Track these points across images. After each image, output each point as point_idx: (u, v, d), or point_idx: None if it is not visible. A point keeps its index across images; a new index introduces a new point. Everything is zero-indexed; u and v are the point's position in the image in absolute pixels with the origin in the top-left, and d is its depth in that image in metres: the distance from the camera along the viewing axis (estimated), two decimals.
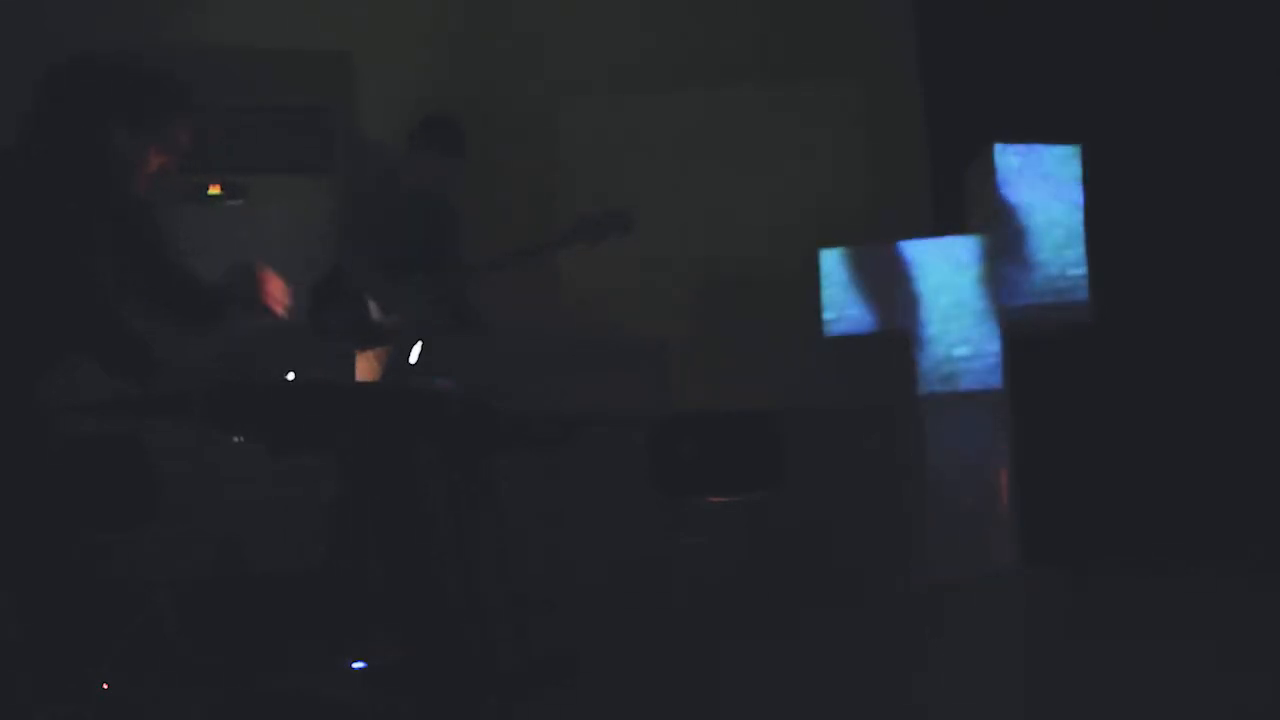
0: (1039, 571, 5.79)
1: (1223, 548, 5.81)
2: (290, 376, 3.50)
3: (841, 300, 6.01)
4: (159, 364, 3.12)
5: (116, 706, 3.11)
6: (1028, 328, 5.90)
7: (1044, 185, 5.87)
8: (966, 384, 5.88)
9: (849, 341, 6.06)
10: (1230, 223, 6.11)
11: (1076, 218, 5.86)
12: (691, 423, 6.03)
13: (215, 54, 5.88)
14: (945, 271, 5.93)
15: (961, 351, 5.89)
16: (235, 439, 3.41)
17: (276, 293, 3.45)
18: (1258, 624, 4.68)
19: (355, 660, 3.70)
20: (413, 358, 4.90)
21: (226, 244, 5.26)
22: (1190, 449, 6.03)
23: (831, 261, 6.02)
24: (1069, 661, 4.35)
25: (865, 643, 4.81)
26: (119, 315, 3.21)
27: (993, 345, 5.88)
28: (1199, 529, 5.92)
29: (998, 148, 5.88)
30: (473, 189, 5.41)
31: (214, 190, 3.48)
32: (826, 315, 6.02)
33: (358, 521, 4.41)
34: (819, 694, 4.07)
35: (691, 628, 5.15)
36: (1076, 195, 5.87)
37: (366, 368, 4.97)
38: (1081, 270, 5.84)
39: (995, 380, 5.88)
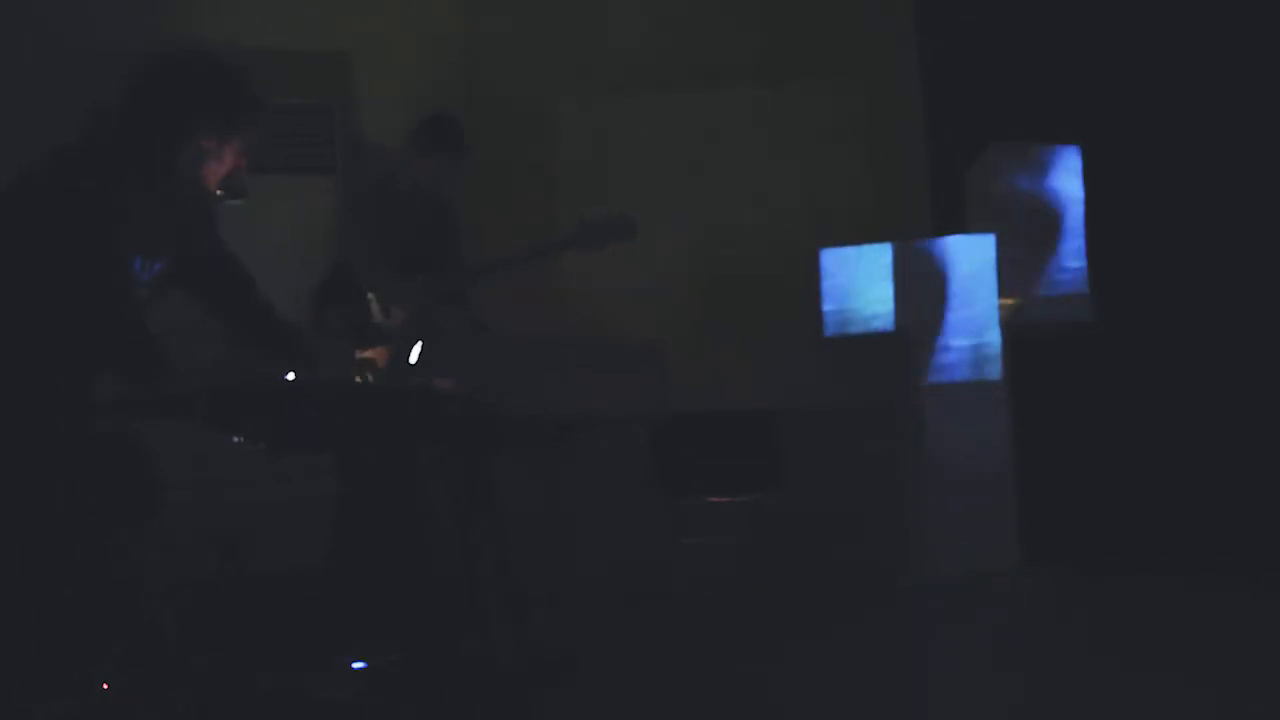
0: (1039, 571, 5.79)
1: (1223, 547, 5.81)
2: (290, 376, 3.51)
3: (841, 300, 6.01)
4: (171, 366, 3.14)
5: (116, 706, 3.11)
6: (1028, 325, 5.90)
7: (1044, 183, 5.88)
8: (967, 382, 5.88)
9: (849, 341, 6.06)
10: (1231, 220, 6.11)
11: (1077, 215, 5.87)
12: (691, 423, 6.03)
13: (202, 45, 5.88)
14: (945, 270, 5.93)
15: (962, 349, 5.89)
16: (235, 439, 3.42)
17: None
18: (1258, 623, 4.68)
19: (355, 660, 3.71)
20: (413, 358, 4.90)
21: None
22: (1191, 446, 6.02)
23: (831, 261, 6.03)
24: (1068, 661, 4.35)
25: (865, 642, 4.81)
26: (142, 320, 3.24)
27: (993, 343, 5.88)
28: (1199, 528, 5.91)
29: (997, 147, 5.88)
30: (473, 189, 5.41)
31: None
32: (826, 315, 6.02)
33: (358, 521, 4.41)
34: (819, 693, 4.07)
35: (692, 628, 5.15)
36: (1077, 192, 5.88)
37: (366, 368, 4.96)
38: (1082, 267, 5.85)
39: (995, 378, 5.88)
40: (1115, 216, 6.00)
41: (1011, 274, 5.87)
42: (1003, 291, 5.87)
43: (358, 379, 3.83)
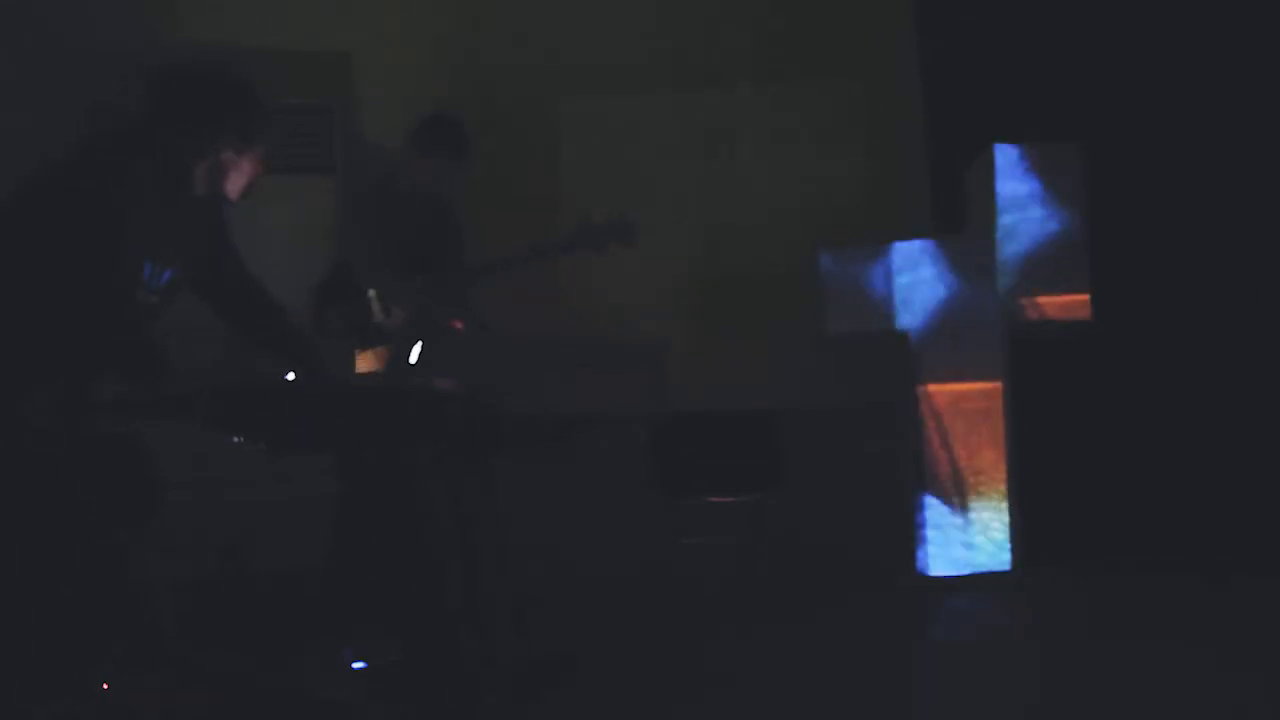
0: (1039, 571, 5.80)
1: (1222, 547, 5.81)
2: (290, 376, 3.51)
3: (841, 300, 6.02)
4: (171, 368, 3.15)
5: (116, 706, 3.11)
6: (1027, 326, 5.90)
7: (1044, 184, 5.88)
8: (965, 382, 5.88)
9: (849, 341, 6.06)
10: (1231, 221, 6.11)
11: (1077, 215, 5.87)
12: (691, 423, 6.03)
13: (210, 52, 5.88)
14: (945, 271, 5.94)
15: (960, 350, 5.89)
16: (235, 439, 3.42)
17: None
18: (1257, 624, 4.68)
19: (355, 660, 3.71)
20: (413, 358, 4.90)
21: None
22: (1190, 447, 6.03)
23: (831, 261, 6.03)
24: (1068, 661, 4.35)
25: (865, 642, 4.81)
26: (142, 321, 3.26)
27: (992, 344, 5.89)
28: (1199, 528, 5.92)
29: (998, 147, 5.89)
30: (473, 189, 5.41)
31: None
32: (826, 315, 6.03)
33: (358, 521, 4.41)
34: (819, 694, 4.07)
35: (691, 628, 5.15)
36: (1077, 192, 5.88)
37: (367, 367, 4.97)
38: (1081, 268, 5.85)
39: (995, 378, 5.89)
40: (1115, 217, 6.00)
41: (1011, 274, 5.87)
42: (1003, 291, 5.88)
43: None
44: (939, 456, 5.88)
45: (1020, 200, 5.87)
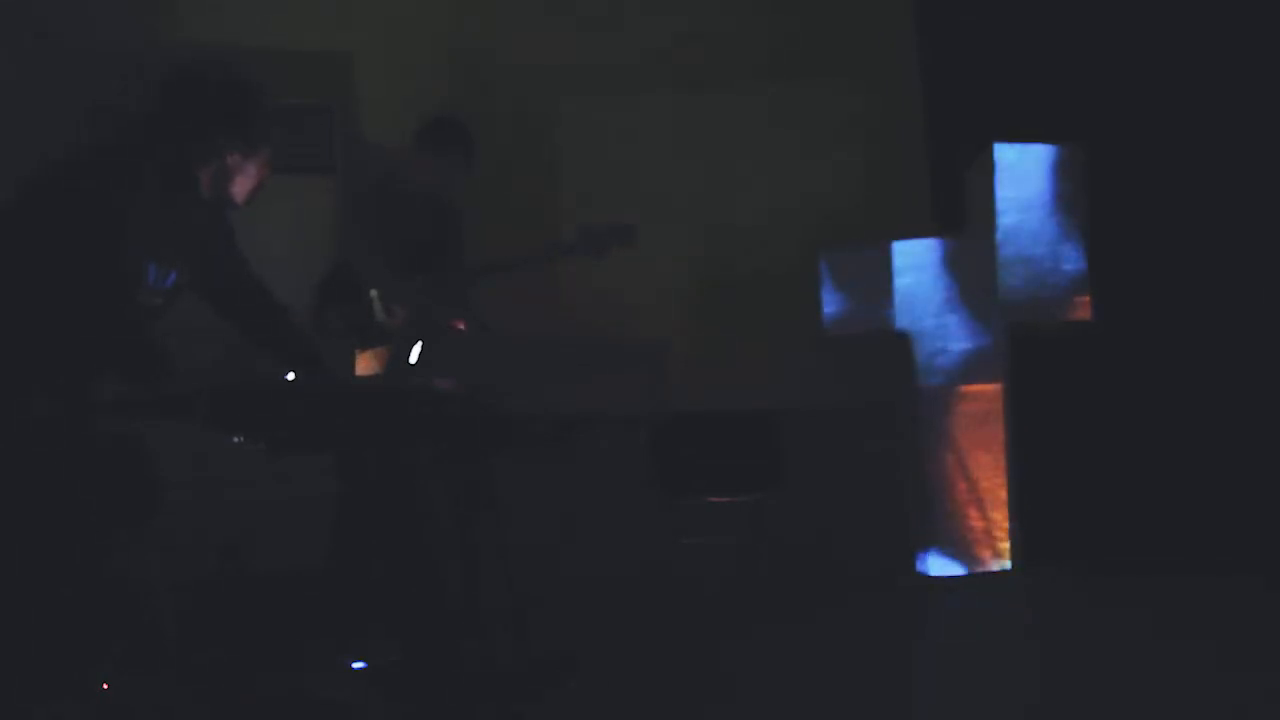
0: (1039, 571, 5.80)
1: (1222, 547, 5.81)
2: (290, 376, 3.51)
3: (841, 300, 6.02)
4: (172, 368, 3.16)
5: (116, 706, 3.11)
6: (1027, 326, 5.90)
7: (1043, 184, 5.88)
8: (965, 383, 5.88)
9: (849, 341, 6.06)
10: (1231, 221, 6.11)
11: (1077, 215, 5.87)
12: (691, 423, 6.03)
13: (214, 54, 5.87)
14: (944, 271, 5.93)
15: (961, 350, 5.89)
16: (235, 439, 3.42)
17: None
18: (1257, 624, 4.68)
19: (355, 660, 3.71)
20: (413, 358, 4.90)
21: None
22: (1190, 447, 6.03)
23: (831, 261, 6.03)
24: (1068, 661, 4.35)
25: (865, 643, 4.81)
26: (143, 321, 3.27)
27: (992, 343, 5.88)
28: (1199, 528, 5.91)
29: (997, 147, 5.89)
30: (472, 189, 5.41)
31: None
32: (826, 315, 6.03)
33: (358, 521, 4.41)
34: (818, 694, 4.07)
35: (691, 628, 5.15)
36: (1077, 192, 5.88)
37: (367, 367, 4.97)
38: (1082, 267, 5.85)
39: (995, 378, 5.89)
40: (1116, 217, 6.00)
41: (1011, 274, 5.87)
42: (1003, 291, 5.88)
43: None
44: (939, 457, 5.88)
45: (1020, 200, 5.87)
